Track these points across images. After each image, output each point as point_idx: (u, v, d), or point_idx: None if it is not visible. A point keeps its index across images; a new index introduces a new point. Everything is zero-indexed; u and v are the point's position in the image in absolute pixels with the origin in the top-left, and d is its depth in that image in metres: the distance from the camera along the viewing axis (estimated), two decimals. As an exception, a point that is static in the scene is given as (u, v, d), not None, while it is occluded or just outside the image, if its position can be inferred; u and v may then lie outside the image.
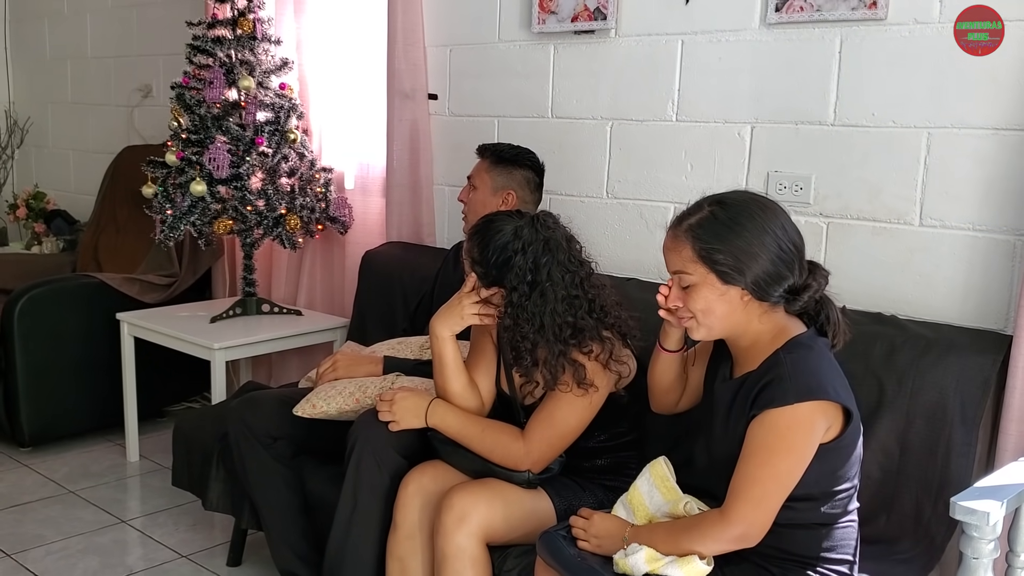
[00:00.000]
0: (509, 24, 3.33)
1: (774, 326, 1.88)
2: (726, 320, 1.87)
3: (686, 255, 1.84)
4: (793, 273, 1.85)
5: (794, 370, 1.79)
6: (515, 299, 2.15)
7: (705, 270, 1.83)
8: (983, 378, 2.26)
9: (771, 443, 1.78)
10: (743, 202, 1.87)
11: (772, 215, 1.85)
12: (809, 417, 1.77)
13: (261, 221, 3.62)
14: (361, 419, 2.39)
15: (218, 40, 3.63)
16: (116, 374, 3.92)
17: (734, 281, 1.82)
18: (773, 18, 2.70)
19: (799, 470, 1.79)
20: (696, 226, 1.84)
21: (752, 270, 1.81)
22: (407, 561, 2.25)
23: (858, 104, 2.60)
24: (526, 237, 2.18)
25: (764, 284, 1.82)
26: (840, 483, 1.86)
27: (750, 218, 1.82)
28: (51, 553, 3.18)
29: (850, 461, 1.86)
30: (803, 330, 1.89)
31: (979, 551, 1.80)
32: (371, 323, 3.44)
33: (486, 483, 2.21)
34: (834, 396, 1.78)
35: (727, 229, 1.81)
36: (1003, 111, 2.38)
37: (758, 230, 1.81)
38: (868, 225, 2.63)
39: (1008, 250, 2.41)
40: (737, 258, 1.80)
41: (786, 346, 1.85)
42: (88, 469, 3.89)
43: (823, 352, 1.87)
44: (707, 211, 1.86)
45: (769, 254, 1.81)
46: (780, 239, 1.83)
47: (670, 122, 2.97)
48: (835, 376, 1.84)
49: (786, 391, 1.77)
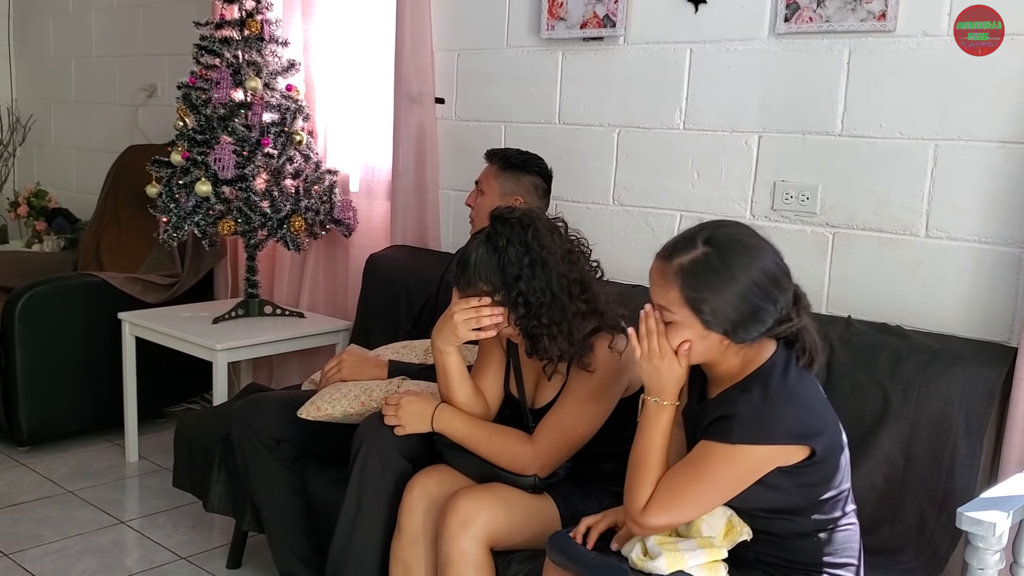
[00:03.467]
0: (517, 30, 3.34)
1: (743, 357, 1.86)
2: (702, 357, 1.86)
3: (673, 296, 1.80)
4: (778, 311, 1.81)
5: (747, 413, 1.78)
6: (522, 287, 2.13)
7: (690, 313, 1.79)
8: (988, 389, 2.27)
9: (708, 471, 1.80)
10: (734, 245, 1.80)
11: (761, 257, 1.80)
12: (745, 460, 1.78)
13: (265, 222, 3.62)
14: (366, 423, 2.39)
15: (226, 41, 3.63)
16: (116, 374, 3.91)
17: (717, 329, 1.79)
18: (782, 28, 2.71)
19: (723, 499, 1.83)
20: (688, 269, 1.78)
21: (736, 320, 1.78)
22: (411, 565, 2.25)
23: (866, 115, 2.61)
24: (502, 234, 2.16)
25: (746, 331, 1.79)
26: (824, 492, 1.85)
27: (741, 267, 1.77)
28: (49, 553, 3.17)
29: (825, 476, 1.84)
30: (768, 357, 1.85)
31: (984, 562, 1.81)
32: (375, 326, 3.44)
33: (491, 487, 2.21)
34: (781, 439, 1.77)
35: (718, 277, 1.76)
36: (1010, 124, 2.39)
37: (747, 281, 1.76)
38: (874, 236, 2.63)
39: (1013, 262, 2.42)
40: (724, 310, 1.77)
41: (745, 381, 1.83)
42: (87, 469, 3.88)
43: (785, 382, 1.82)
44: (699, 252, 1.78)
45: (755, 301, 1.77)
46: (768, 285, 1.78)
47: (677, 130, 2.98)
48: (794, 407, 1.81)
49: (730, 432, 1.77)
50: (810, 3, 2.65)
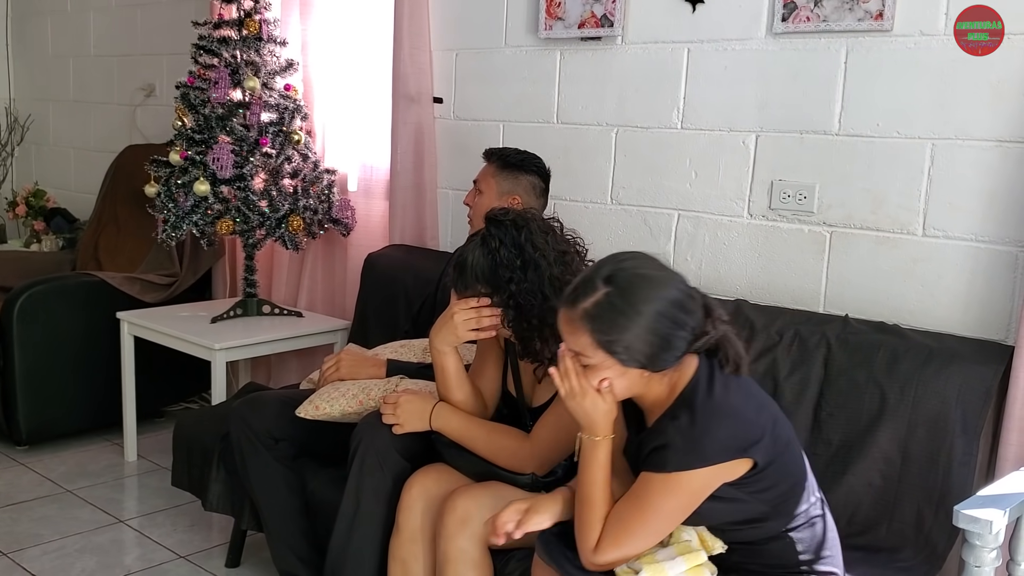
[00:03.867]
0: (515, 29, 3.34)
1: (668, 381, 1.86)
2: (626, 391, 1.86)
3: (585, 342, 1.79)
4: (690, 333, 1.80)
5: (679, 440, 1.78)
6: (514, 289, 2.14)
7: (604, 355, 1.79)
8: (985, 388, 2.28)
9: (651, 503, 1.81)
10: (634, 280, 1.78)
11: (663, 287, 1.79)
12: (686, 486, 1.78)
13: (264, 222, 3.62)
14: (365, 421, 2.40)
15: (224, 40, 3.63)
16: (114, 373, 3.92)
17: (633, 364, 1.79)
18: (780, 28, 2.72)
19: (672, 527, 1.85)
20: (593, 314, 1.77)
21: (650, 352, 1.77)
22: (409, 564, 2.25)
23: (863, 114, 2.62)
24: (496, 236, 2.17)
25: (662, 360, 1.79)
26: (782, 492, 1.86)
27: (644, 301, 1.76)
28: (48, 552, 3.18)
29: (778, 478, 1.85)
30: (692, 375, 1.85)
31: (981, 559, 1.81)
32: (373, 326, 3.44)
33: (489, 486, 2.22)
34: (718, 458, 1.77)
35: (623, 316, 1.75)
36: (1007, 123, 2.40)
37: (653, 313, 1.76)
38: (871, 235, 2.64)
39: (1010, 261, 2.43)
40: (636, 346, 1.76)
41: (672, 408, 1.84)
42: (85, 468, 3.89)
43: (711, 398, 1.81)
44: (601, 294, 1.77)
45: (665, 331, 1.77)
46: (674, 312, 1.78)
47: (675, 130, 2.98)
48: (725, 421, 1.80)
49: (666, 461, 1.77)
50: (807, 3, 2.66)
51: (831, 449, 2.40)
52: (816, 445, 2.43)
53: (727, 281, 2.91)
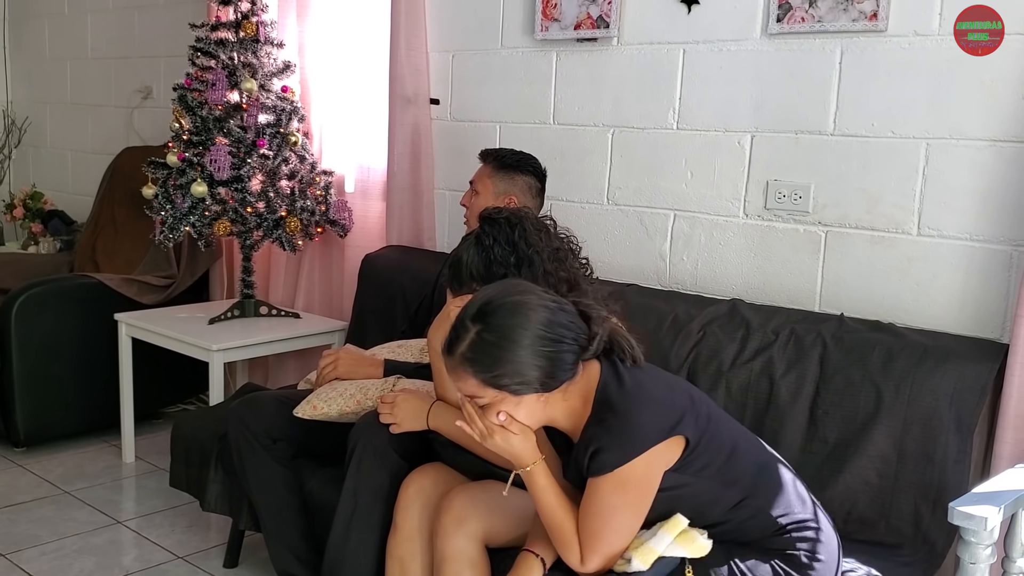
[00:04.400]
0: (512, 31, 3.35)
1: (578, 392, 1.87)
2: (530, 418, 1.87)
3: (472, 385, 1.81)
4: (575, 343, 1.82)
5: (610, 439, 1.80)
6: None
7: (495, 392, 1.80)
8: (980, 386, 2.29)
9: (608, 505, 1.83)
10: (500, 312, 1.80)
11: (531, 311, 1.79)
12: (632, 477, 1.81)
13: (261, 223, 3.63)
14: (362, 421, 2.40)
15: (221, 42, 3.64)
16: (112, 375, 3.92)
17: (526, 391, 1.80)
18: (775, 28, 2.73)
19: (640, 516, 1.87)
20: (470, 356, 1.79)
21: (540, 376, 1.79)
22: (407, 563, 2.25)
23: (858, 114, 2.63)
24: (490, 234, 2.19)
25: (554, 378, 1.80)
26: (725, 459, 1.89)
27: (519, 328, 1.77)
28: (46, 553, 3.18)
29: (715, 449, 1.88)
30: (599, 376, 1.87)
31: (976, 556, 1.82)
32: (370, 326, 3.45)
33: (486, 485, 2.22)
34: (651, 442, 1.79)
35: (500, 349, 1.77)
36: (1001, 123, 2.41)
37: (531, 338, 1.77)
38: (867, 234, 2.65)
39: (1004, 260, 2.44)
40: (521, 373, 1.78)
41: (594, 413, 1.85)
42: (83, 470, 3.89)
43: (624, 391, 1.84)
44: (473, 334, 1.79)
45: (548, 352, 1.78)
46: (550, 331, 1.79)
47: (671, 130, 2.99)
48: (646, 407, 1.83)
49: (605, 462, 1.80)
50: (802, 3, 2.67)
51: (827, 447, 2.41)
52: (812, 443, 2.44)
53: (723, 281, 2.92)
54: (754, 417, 2.53)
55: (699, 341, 2.67)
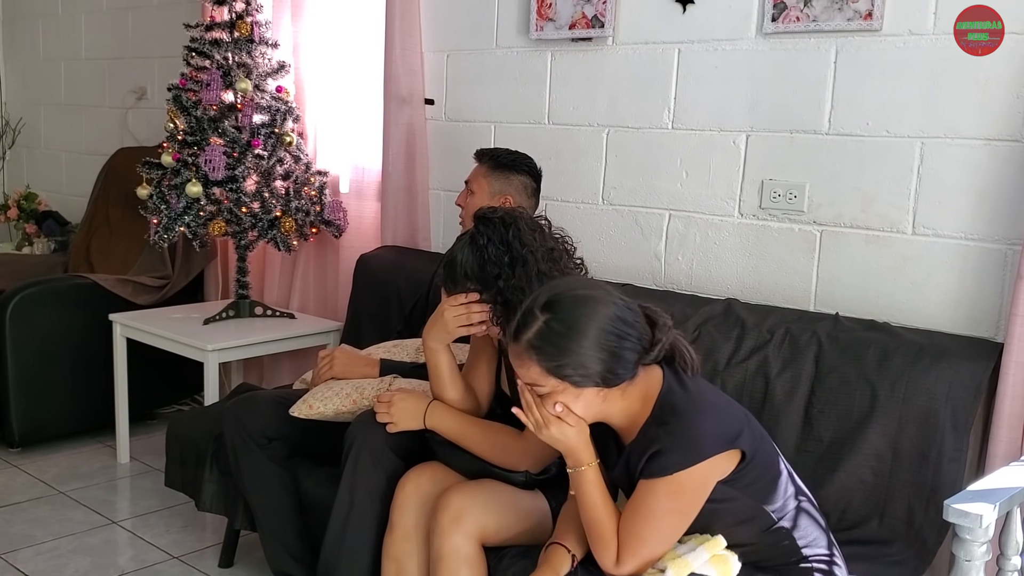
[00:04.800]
0: (507, 31, 3.35)
1: (638, 393, 1.88)
2: (587, 412, 1.87)
3: (535, 372, 1.82)
4: (638, 343, 1.83)
5: (672, 443, 1.80)
6: (502, 285, 2.15)
7: (557, 381, 1.81)
8: (974, 385, 2.29)
9: (659, 508, 1.83)
10: (571, 302, 1.82)
11: (601, 304, 1.81)
12: (687, 484, 1.81)
13: (256, 223, 3.63)
14: (359, 420, 2.40)
15: (216, 42, 3.64)
16: (107, 375, 3.91)
17: (587, 384, 1.81)
18: (770, 28, 2.73)
19: (686, 525, 1.87)
20: (536, 344, 1.80)
21: (601, 370, 1.79)
22: (403, 562, 2.25)
23: (853, 113, 2.64)
24: (484, 234, 2.18)
25: (615, 374, 1.81)
26: (766, 481, 1.90)
27: (586, 319, 1.79)
28: (41, 553, 3.17)
29: (764, 467, 1.89)
30: (660, 381, 1.88)
31: (971, 553, 1.82)
32: (365, 326, 3.44)
33: (483, 484, 2.22)
34: (713, 450, 1.80)
35: (567, 339, 1.78)
36: (995, 122, 2.42)
37: (596, 330, 1.78)
38: (861, 233, 2.65)
39: (999, 259, 2.45)
40: (584, 365, 1.78)
41: (655, 415, 1.86)
42: (78, 470, 3.88)
43: (689, 397, 1.86)
44: (541, 322, 1.80)
45: (612, 347, 1.79)
46: (616, 327, 1.80)
47: (666, 130, 3.00)
48: (710, 416, 1.85)
49: (666, 465, 1.80)
50: (797, 3, 2.67)
51: (822, 446, 2.41)
52: (807, 442, 2.44)
53: (718, 280, 2.92)
54: (749, 416, 2.53)
55: (694, 341, 2.67)
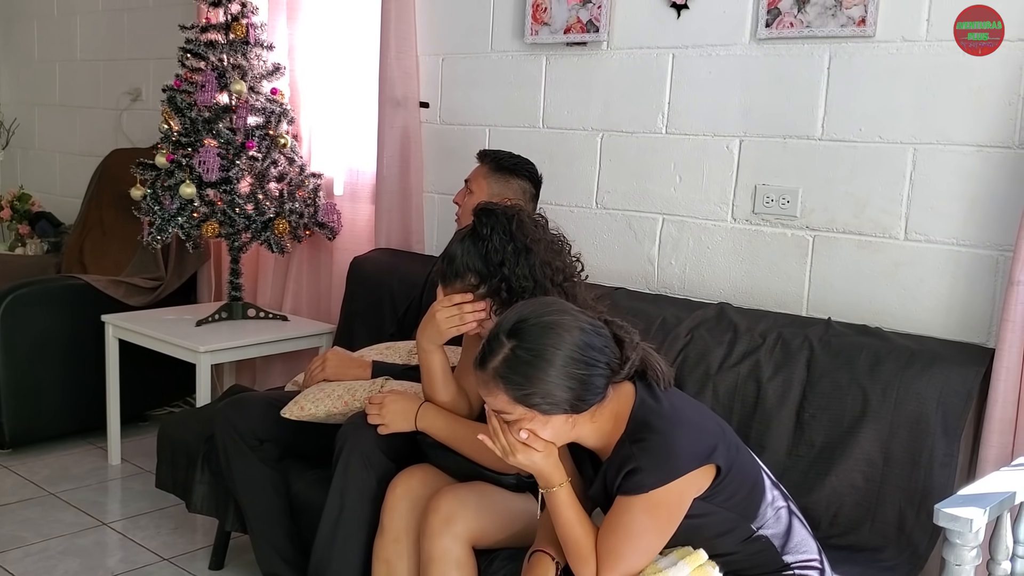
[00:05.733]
0: (502, 34, 3.36)
1: (609, 413, 1.86)
2: (555, 438, 1.85)
3: (502, 400, 1.79)
4: (606, 367, 1.81)
5: (647, 460, 1.78)
6: (506, 272, 2.15)
7: (524, 409, 1.79)
8: (966, 390, 2.30)
9: (636, 525, 1.82)
10: (539, 330, 1.78)
11: (567, 331, 1.78)
12: (664, 501, 1.80)
13: (249, 225, 3.62)
14: (350, 422, 2.40)
15: (211, 44, 3.64)
16: (99, 377, 3.90)
17: (555, 412, 1.79)
18: (763, 33, 2.74)
19: (664, 541, 1.85)
20: (503, 372, 1.77)
21: (569, 397, 1.78)
22: (394, 564, 2.25)
23: (845, 119, 2.64)
24: (487, 224, 2.19)
25: (584, 400, 1.79)
26: (744, 493, 1.89)
27: (552, 348, 1.76)
28: (30, 555, 3.16)
29: (742, 481, 1.88)
30: (632, 397, 1.86)
31: (961, 558, 1.82)
32: (358, 329, 3.44)
33: (473, 486, 2.22)
34: (689, 467, 1.79)
35: (533, 368, 1.75)
36: (987, 128, 2.43)
37: (564, 359, 1.75)
38: (854, 239, 2.66)
39: (991, 265, 2.45)
40: (552, 394, 1.76)
41: (629, 432, 1.84)
42: (69, 472, 3.87)
43: (663, 412, 1.84)
44: (508, 350, 1.78)
45: (580, 375, 1.77)
46: (583, 353, 1.77)
47: (660, 134, 3.00)
48: (685, 432, 1.83)
49: (641, 483, 1.78)
50: (791, 9, 2.68)
51: (814, 450, 2.42)
52: (799, 446, 2.44)
53: (711, 285, 2.93)
54: (741, 421, 2.53)
55: (687, 345, 2.68)
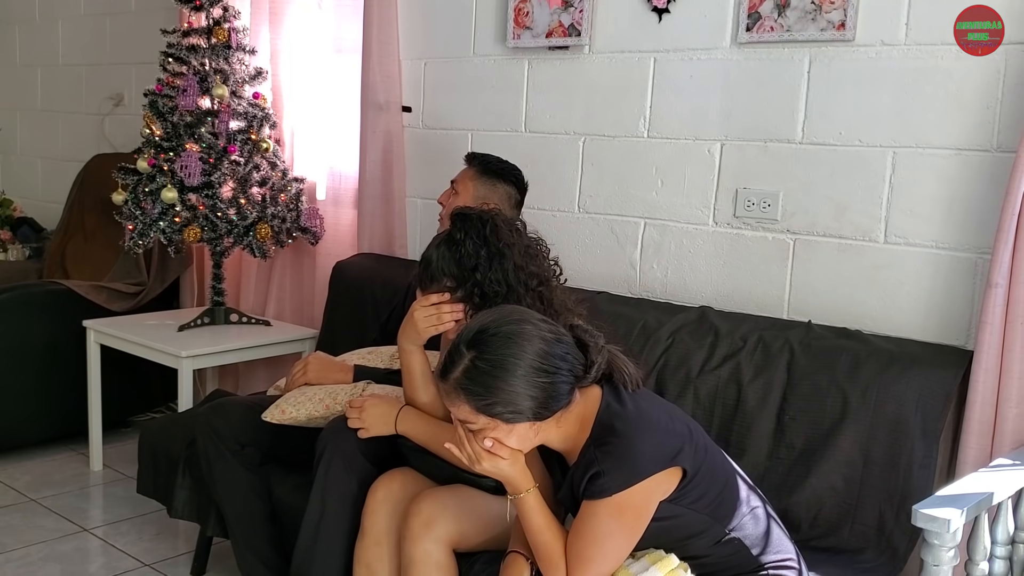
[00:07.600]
0: (484, 39, 3.36)
1: (575, 417, 1.86)
2: (521, 445, 1.86)
3: (465, 410, 1.81)
4: (569, 373, 1.82)
5: (611, 464, 1.79)
6: (479, 277, 2.16)
7: (487, 419, 1.80)
8: (944, 392, 2.31)
9: (602, 529, 1.82)
10: (497, 340, 1.78)
11: (527, 341, 1.78)
12: (629, 504, 1.80)
13: (231, 230, 3.61)
14: (331, 425, 2.39)
15: (193, 48, 3.63)
16: (81, 382, 3.88)
17: (519, 420, 1.80)
18: (744, 37, 2.75)
19: (632, 544, 1.85)
20: (464, 383, 1.78)
21: (532, 406, 1.78)
22: (375, 567, 2.24)
23: (826, 123, 2.66)
24: (461, 229, 2.19)
25: (547, 408, 1.80)
26: (715, 494, 1.89)
27: (512, 358, 1.76)
28: (11, 561, 3.14)
29: (710, 483, 1.88)
30: (599, 401, 1.87)
31: (939, 558, 1.83)
32: (341, 334, 3.43)
33: (454, 489, 2.22)
34: (652, 469, 1.79)
35: (494, 378, 1.76)
36: (965, 132, 2.44)
37: (525, 369, 1.76)
38: (834, 242, 2.67)
39: (969, 267, 2.47)
40: (514, 403, 1.77)
41: (594, 436, 1.84)
42: (50, 478, 3.85)
43: (628, 415, 1.84)
44: (468, 361, 1.78)
45: (542, 383, 1.78)
46: (545, 362, 1.78)
47: (641, 138, 3.01)
48: (649, 435, 1.82)
49: (605, 487, 1.78)
50: (771, 13, 2.69)
51: (794, 453, 2.42)
52: (779, 449, 2.45)
53: (692, 288, 2.93)
54: (722, 423, 2.54)
55: (668, 348, 2.69)
